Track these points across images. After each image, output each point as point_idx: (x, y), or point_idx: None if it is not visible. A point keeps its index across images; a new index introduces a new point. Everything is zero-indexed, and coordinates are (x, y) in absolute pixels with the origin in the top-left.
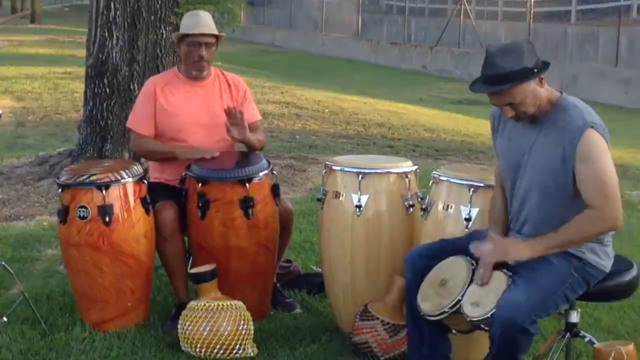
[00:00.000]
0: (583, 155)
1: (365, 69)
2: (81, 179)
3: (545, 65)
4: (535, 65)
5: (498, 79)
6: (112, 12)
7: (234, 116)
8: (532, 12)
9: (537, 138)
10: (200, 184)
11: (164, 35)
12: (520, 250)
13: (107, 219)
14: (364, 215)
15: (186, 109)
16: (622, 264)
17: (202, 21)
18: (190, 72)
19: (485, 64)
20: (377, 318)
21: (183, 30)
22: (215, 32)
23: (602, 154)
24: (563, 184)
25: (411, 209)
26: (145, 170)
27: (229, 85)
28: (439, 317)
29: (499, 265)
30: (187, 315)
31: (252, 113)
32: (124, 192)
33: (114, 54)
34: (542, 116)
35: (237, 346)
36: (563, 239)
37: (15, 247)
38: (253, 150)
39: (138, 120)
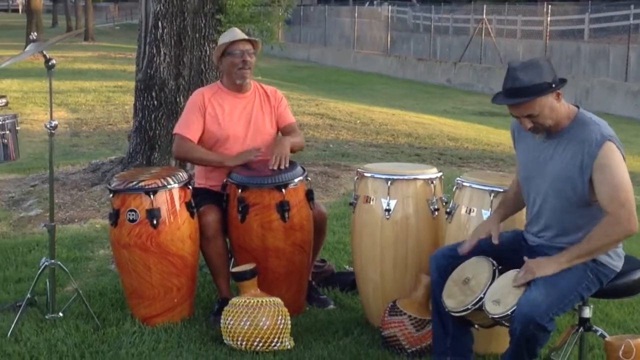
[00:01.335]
0: (601, 166)
1: (393, 83)
2: (131, 184)
3: (562, 81)
4: (553, 81)
5: (519, 92)
6: (160, 31)
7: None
8: (548, 30)
9: (555, 150)
10: (240, 190)
11: (208, 52)
12: (544, 267)
13: (154, 221)
14: (392, 218)
15: (229, 118)
16: (631, 263)
17: (238, 32)
18: (235, 81)
19: (507, 78)
20: (405, 313)
21: (223, 41)
22: (251, 37)
23: (618, 164)
24: (580, 192)
25: (436, 213)
26: (190, 177)
27: (267, 96)
28: (462, 313)
29: (519, 266)
30: (229, 311)
31: (287, 116)
32: (170, 197)
33: (161, 69)
34: (560, 129)
35: (276, 339)
36: (585, 249)
37: (70, 247)
38: (294, 152)
39: (184, 126)
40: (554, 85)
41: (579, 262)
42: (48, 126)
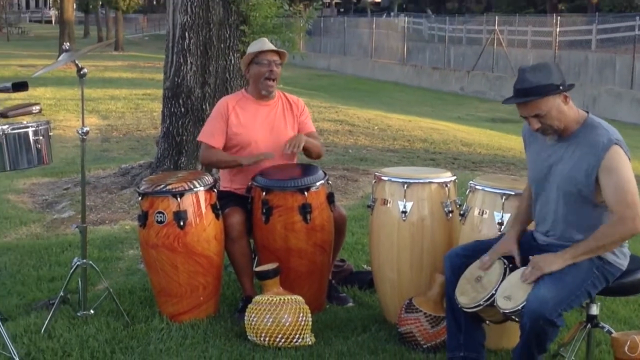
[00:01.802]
0: (608, 168)
1: (409, 90)
2: (159, 188)
3: (570, 85)
4: (561, 84)
5: (526, 91)
6: (187, 41)
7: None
8: (557, 41)
9: (565, 152)
10: (264, 193)
11: (233, 61)
12: (552, 262)
13: (181, 223)
14: (408, 220)
15: (254, 125)
16: (637, 263)
17: (266, 43)
18: (260, 91)
19: (517, 80)
20: (421, 310)
21: (251, 50)
22: (279, 48)
23: (624, 167)
24: (587, 193)
25: (450, 215)
26: (215, 180)
27: (290, 104)
28: (474, 309)
29: (528, 264)
30: (252, 308)
31: (308, 125)
32: (196, 200)
33: (188, 78)
34: (570, 133)
35: (297, 335)
36: (590, 246)
37: (101, 248)
38: (312, 156)
39: (208, 134)
40: (561, 87)
41: (584, 259)
42: (80, 132)
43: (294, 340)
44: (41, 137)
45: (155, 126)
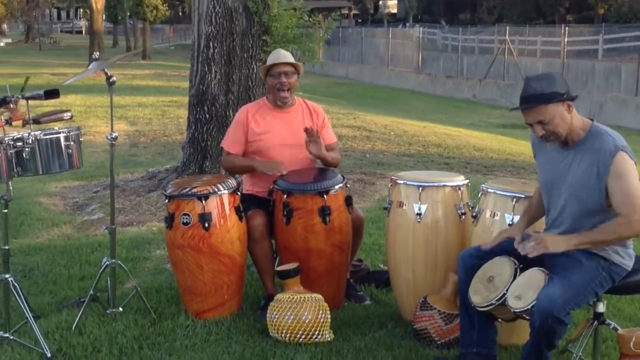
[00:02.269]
0: (615, 173)
1: (424, 98)
2: (184, 191)
3: (574, 95)
4: (564, 93)
5: (530, 99)
6: (211, 50)
7: (311, 134)
8: (565, 50)
9: (573, 160)
10: (285, 196)
11: (255, 70)
12: (557, 243)
13: (206, 224)
14: (423, 221)
15: (274, 132)
16: None
17: (281, 55)
18: (276, 100)
19: (523, 88)
20: (435, 308)
21: (267, 63)
22: (292, 60)
23: (630, 172)
24: (596, 199)
25: (463, 217)
26: (239, 184)
27: (310, 111)
28: (487, 308)
29: (538, 265)
30: (274, 306)
31: (329, 136)
32: (220, 202)
33: (212, 86)
34: (576, 141)
35: (317, 332)
36: (594, 238)
37: (130, 248)
38: (329, 166)
39: (229, 141)
40: (564, 96)
41: (586, 247)
42: (109, 137)
43: (314, 336)
44: (72, 143)
45: (181, 132)
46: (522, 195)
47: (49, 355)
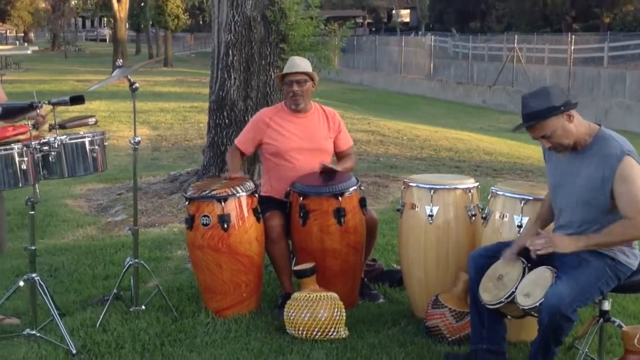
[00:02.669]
0: (621, 177)
1: (436, 103)
2: (204, 193)
3: (572, 104)
4: (562, 104)
5: (529, 117)
6: (231, 58)
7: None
8: (572, 57)
9: (581, 164)
10: (301, 198)
11: (273, 76)
12: (565, 244)
13: (225, 225)
14: (435, 223)
15: (290, 135)
16: None
17: (295, 63)
18: (290, 106)
19: (521, 107)
20: (446, 306)
21: (283, 72)
22: (306, 69)
23: (636, 176)
24: (603, 202)
25: (473, 218)
26: (257, 186)
27: (326, 116)
28: (496, 306)
29: (546, 264)
30: (291, 304)
31: (345, 141)
32: (239, 204)
33: (231, 92)
34: (584, 146)
35: (332, 329)
36: (601, 240)
37: (152, 248)
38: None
39: (242, 139)
40: (562, 108)
41: (593, 248)
42: (132, 142)
43: (329, 333)
44: (96, 147)
45: (202, 136)
46: (530, 198)
47: (74, 351)
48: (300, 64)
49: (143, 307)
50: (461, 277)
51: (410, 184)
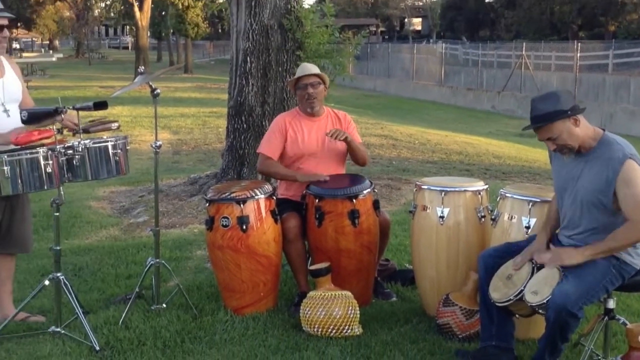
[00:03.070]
0: (623, 180)
1: (446, 109)
2: (224, 195)
3: (580, 109)
4: (569, 109)
5: (536, 119)
6: (249, 65)
7: (333, 134)
8: (578, 64)
9: (585, 167)
10: (317, 200)
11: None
12: (572, 256)
13: (244, 227)
14: (446, 224)
15: (307, 138)
16: None
17: (306, 68)
18: (306, 109)
19: (530, 109)
20: (456, 304)
21: (296, 77)
22: (316, 72)
23: (638, 178)
24: (606, 203)
25: (483, 219)
26: (274, 189)
27: (338, 118)
28: (505, 304)
29: (550, 251)
30: (307, 303)
31: (355, 136)
32: (257, 206)
33: (249, 98)
34: (588, 149)
35: (347, 327)
36: (606, 247)
37: (172, 249)
38: (359, 162)
39: (266, 147)
40: (569, 112)
41: (601, 256)
42: (153, 146)
43: (344, 331)
44: (119, 151)
45: (221, 140)
46: (538, 200)
47: (97, 348)
48: (312, 67)
49: (164, 305)
50: (471, 276)
51: (422, 186)
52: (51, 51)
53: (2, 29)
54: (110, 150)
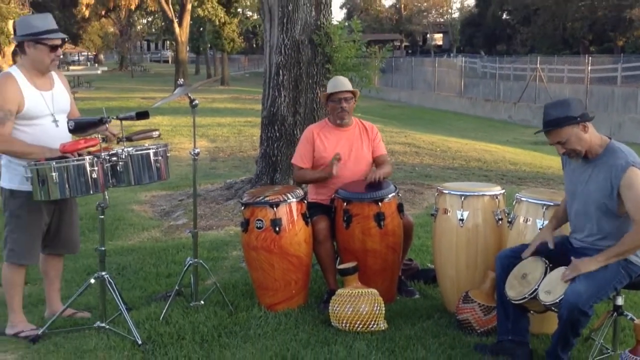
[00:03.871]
0: (626, 185)
1: (466, 119)
2: (258, 199)
3: (589, 117)
4: (579, 116)
5: (548, 123)
6: (281, 77)
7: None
8: (588, 77)
9: (592, 173)
10: (345, 203)
11: (319, 94)
12: (586, 265)
13: (277, 229)
14: (465, 226)
15: (336, 147)
16: None
17: (339, 82)
18: (336, 121)
19: (543, 114)
20: (475, 301)
21: (328, 91)
22: (350, 88)
23: None
24: (611, 207)
25: (500, 222)
26: (305, 193)
27: (365, 129)
28: (520, 301)
29: (566, 265)
30: (335, 300)
31: (381, 148)
32: (289, 209)
33: (282, 108)
34: (595, 155)
35: (372, 322)
36: (617, 252)
37: (210, 249)
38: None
39: (299, 158)
40: (579, 119)
41: (613, 261)
42: (192, 153)
43: (370, 326)
44: (160, 157)
45: (255, 148)
46: (551, 203)
47: (139, 342)
48: (345, 83)
49: (202, 302)
50: (489, 275)
51: (443, 191)
52: (96, 64)
53: (57, 48)
54: (152, 157)
